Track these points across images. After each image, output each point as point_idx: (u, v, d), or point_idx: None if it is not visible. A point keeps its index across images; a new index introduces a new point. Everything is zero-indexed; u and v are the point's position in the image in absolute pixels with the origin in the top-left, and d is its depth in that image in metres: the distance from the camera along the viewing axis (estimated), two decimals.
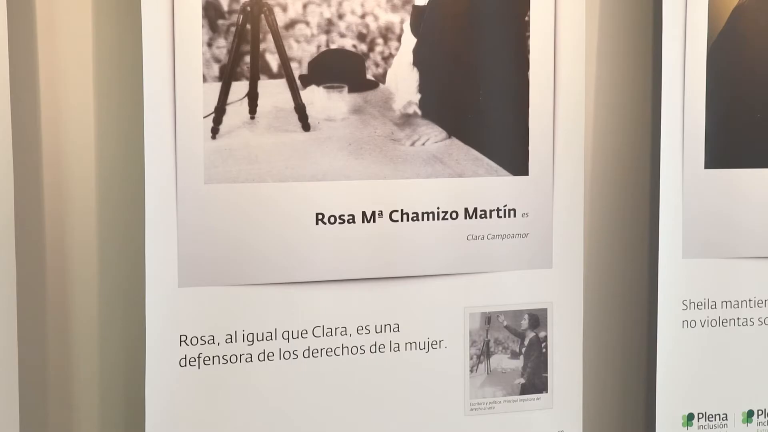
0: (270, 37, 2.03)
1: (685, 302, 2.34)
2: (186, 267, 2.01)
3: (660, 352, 2.33)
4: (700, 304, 2.34)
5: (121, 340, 2.15)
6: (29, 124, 2.05)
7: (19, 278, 1.96)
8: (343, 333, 2.14)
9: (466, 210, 2.19)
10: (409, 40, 2.13)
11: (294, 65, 2.06)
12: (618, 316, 2.49)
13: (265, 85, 2.05)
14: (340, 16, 2.08)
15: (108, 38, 2.09)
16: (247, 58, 2.03)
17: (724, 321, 2.35)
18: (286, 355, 2.10)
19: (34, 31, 2.04)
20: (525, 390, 2.29)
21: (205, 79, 2.00)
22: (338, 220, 2.10)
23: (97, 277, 2.13)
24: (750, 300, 2.36)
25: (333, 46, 2.08)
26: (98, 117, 2.10)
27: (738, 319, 2.36)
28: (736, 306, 2.35)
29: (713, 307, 2.35)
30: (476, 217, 2.20)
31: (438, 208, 2.17)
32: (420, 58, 2.14)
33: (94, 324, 2.14)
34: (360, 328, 2.15)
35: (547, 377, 2.30)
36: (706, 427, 2.38)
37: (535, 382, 2.29)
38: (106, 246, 2.13)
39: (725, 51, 2.28)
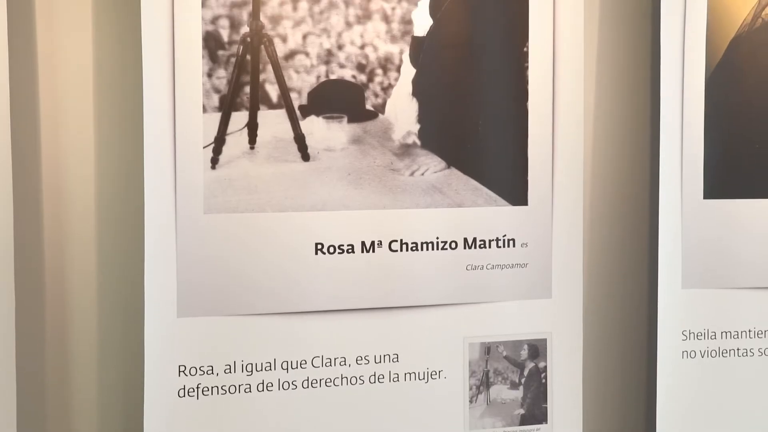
0: (270, 67, 2.04)
1: (684, 332, 2.33)
2: (185, 297, 2.00)
3: (660, 383, 2.32)
4: (699, 334, 2.34)
5: (119, 370, 2.14)
6: (30, 162, 2.05)
7: (18, 307, 1.96)
8: (343, 363, 2.13)
9: (466, 240, 2.19)
10: (409, 71, 2.14)
11: (294, 95, 2.07)
12: (618, 346, 2.49)
13: (264, 115, 2.05)
14: (340, 47, 2.09)
15: (109, 68, 2.10)
16: (247, 89, 2.04)
17: (724, 352, 2.35)
18: (285, 385, 2.09)
19: (35, 65, 2.05)
20: (525, 420, 2.28)
21: (204, 110, 2.00)
22: (337, 250, 2.10)
23: (96, 306, 2.13)
24: (750, 330, 2.36)
25: (332, 77, 2.09)
26: (98, 147, 2.10)
27: (738, 349, 2.36)
28: (736, 336, 2.35)
29: (713, 337, 2.34)
30: (475, 247, 2.20)
31: (437, 238, 2.17)
32: (419, 89, 2.15)
33: (93, 353, 2.14)
34: (359, 358, 2.15)
35: (546, 408, 2.29)
36: None
37: (534, 412, 2.28)
38: (105, 276, 2.13)
39: (723, 82, 2.29)
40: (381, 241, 2.13)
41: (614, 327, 2.48)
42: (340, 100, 2.11)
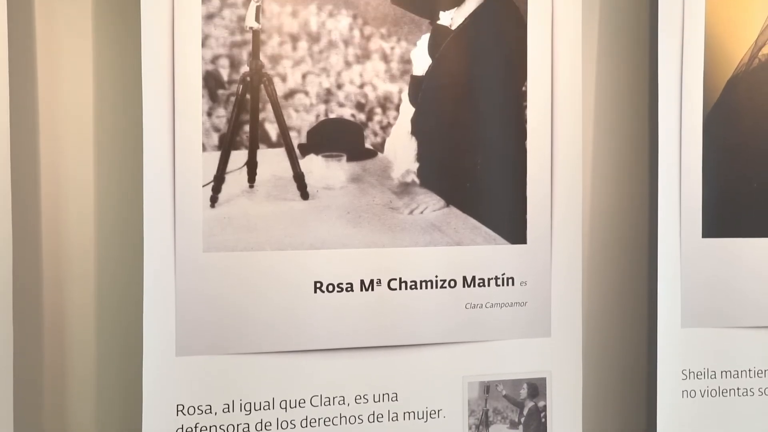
0: (269, 106, 2.05)
1: (684, 372, 2.32)
2: (184, 335, 2.00)
3: (660, 422, 2.31)
4: (699, 373, 2.33)
5: (117, 409, 2.13)
6: (29, 203, 2.06)
7: (16, 348, 1.96)
8: (341, 402, 2.13)
9: (465, 278, 2.19)
10: (408, 110, 2.15)
11: (293, 134, 2.07)
12: (617, 385, 2.48)
13: (264, 154, 2.06)
14: (339, 86, 2.10)
15: (110, 107, 2.11)
16: (247, 128, 2.04)
17: (725, 391, 2.34)
18: (284, 424, 2.08)
19: (36, 113, 2.06)
20: None
21: (204, 148, 2.01)
22: (336, 289, 2.10)
23: (94, 345, 2.12)
24: (750, 370, 2.35)
25: (332, 116, 2.10)
26: (98, 185, 2.11)
27: (738, 389, 2.35)
28: (736, 376, 2.34)
29: (713, 376, 2.33)
30: (475, 286, 2.20)
31: (436, 276, 2.17)
32: (418, 128, 2.16)
33: (91, 392, 2.13)
34: (358, 397, 2.14)
35: None
36: None
37: None
38: (104, 314, 2.12)
39: (721, 122, 2.30)
40: (380, 280, 2.13)
41: (614, 366, 2.47)
42: (340, 138, 2.12)
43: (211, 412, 2.03)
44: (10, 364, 1.94)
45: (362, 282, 2.12)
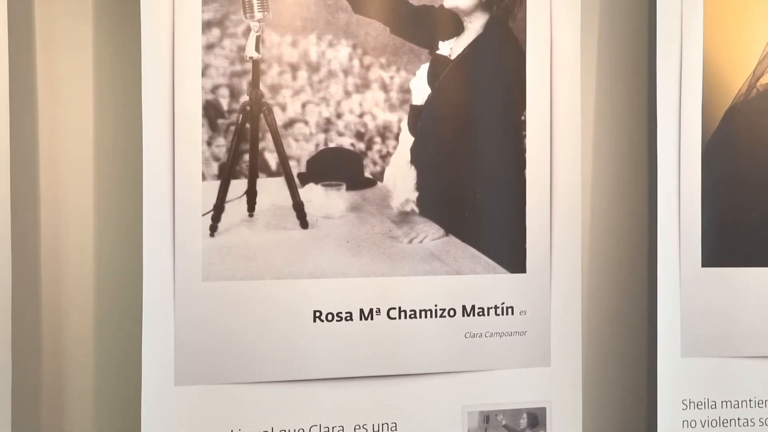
0: (269, 135, 2.06)
1: (685, 402, 2.32)
2: (183, 365, 1.99)
3: None
4: (700, 403, 2.32)
5: None
6: (29, 235, 2.06)
7: (15, 379, 1.95)
8: None
9: (464, 307, 2.19)
10: (407, 139, 2.16)
11: (293, 163, 2.08)
12: (618, 415, 2.47)
13: (263, 183, 2.06)
14: (339, 115, 2.10)
15: (110, 136, 2.12)
16: (246, 157, 2.05)
17: (725, 421, 2.33)
18: None
19: (36, 139, 2.07)
20: None
21: (204, 177, 2.01)
22: (336, 318, 2.10)
23: (92, 374, 2.12)
24: (750, 400, 2.34)
25: (331, 145, 2.11)
26: (98, 213, 2.11)
27: (738, 419, 2.34)
28: (736, 406, 2.33)
29: (713, 406, 2.33)
30: (474, 315, 2.19)
31: (436, 305, 2.17)
32: (418, 157, 2.16)
33: (90, 421, 2.12)
34: (357, 426, 2.13)
35: None
36: None
37: None
38: (103, 344, 2.12)
39: (719, 151, 2.31)
40: (379, 309, 2.13)
41: (614, 396, 2.46)
42: (339, 167, 2.12)
43: None
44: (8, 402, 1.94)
45: (362, 311, 2.12)
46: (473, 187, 2.20)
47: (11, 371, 1.94)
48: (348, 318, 2.11)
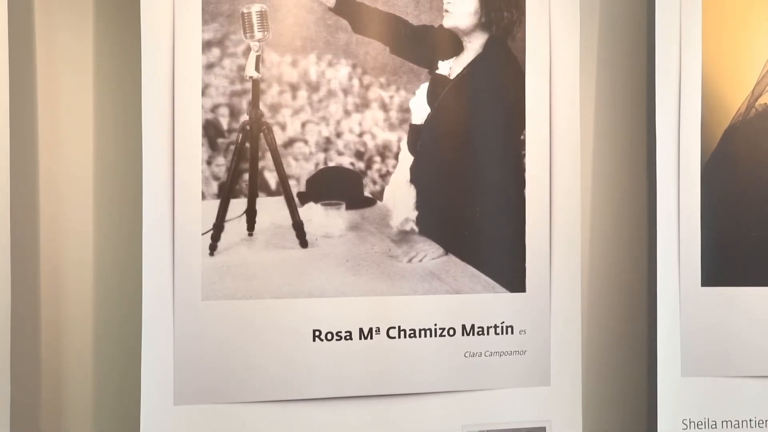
0: (269, 155, 2.06)
1: (685, 421, 2.31)
2: (182, 384, 1.99)
3: None
4: (700, 423, 2.31)
5: None
6: (29, 263, 2.06)
7: (13, 398, 1.95)
8: None
9: (464, 327, 2.19)
10: (407, 158, 2.16)
11: (292, 182, 2.08)
12: None
13: (263, 202, 2.06)
14: (338, 135, 2.11)
15: (110, 155, 2.12)
16: (246, 176, 2.05)
17: None
18: None
19: (36, 158, 2.07)
20: None
21: (203, 197, 2.02)
22: (335, 337, 2.09)
23: (92, 394, 2.12)
24: (751, 420, 2.33)
25: (331, 164, 2.11)
26: (97, 233, 2.11)
27: None
28: (736, 426, 2.33)
29: (714, 426, 2.32)
30: (474, 334, 2.19)
31: (435, 324, 2.17)
32: (417, 176, 2.17)
33: None
34: None
35: None
36: None
37: None
38: (102, 364, 2.12)
39: (719, 171, 2.31)
40: (379, 328, 2.13)
41: (614, 416, 2.46)
42: (339, 187, 2.12)
43: None
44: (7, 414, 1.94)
45: (361, 330, 2.11)
46: (473, 206, 2.20)
47: (10, 392, 1.93)
48: (347, 337, 2.10)
